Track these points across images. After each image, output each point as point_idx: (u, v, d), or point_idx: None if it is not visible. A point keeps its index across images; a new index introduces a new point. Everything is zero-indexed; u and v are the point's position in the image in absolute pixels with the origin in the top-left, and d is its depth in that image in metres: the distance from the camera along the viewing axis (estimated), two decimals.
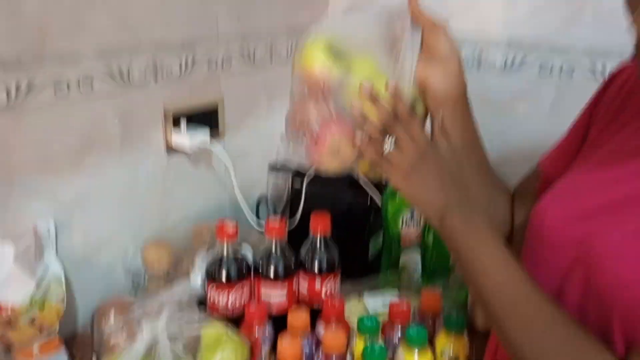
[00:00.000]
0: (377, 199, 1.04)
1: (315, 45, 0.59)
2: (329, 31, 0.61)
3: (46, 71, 0.81)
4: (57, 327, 0.80)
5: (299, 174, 1.11)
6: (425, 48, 0.64)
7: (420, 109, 0.66)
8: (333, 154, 0.62)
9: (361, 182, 1.05)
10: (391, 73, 0.61)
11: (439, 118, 0.66)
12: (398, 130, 0.59)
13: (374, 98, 0.59)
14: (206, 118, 1.07)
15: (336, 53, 0.59)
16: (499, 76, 1.16)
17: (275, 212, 1.21)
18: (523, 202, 0.75)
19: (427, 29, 0.64)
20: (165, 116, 0.99)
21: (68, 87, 0.84)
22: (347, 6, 0.65)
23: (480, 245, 0.58)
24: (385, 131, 0.59)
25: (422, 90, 0.65)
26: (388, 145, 0.58)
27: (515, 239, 0.76)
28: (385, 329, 0.80)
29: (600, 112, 0.66)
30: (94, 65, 0.87)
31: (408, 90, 0.62)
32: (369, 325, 0.75)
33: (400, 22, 0.62)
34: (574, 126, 0.71)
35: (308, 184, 1.08)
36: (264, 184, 1.23)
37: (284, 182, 1.19)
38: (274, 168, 1.19)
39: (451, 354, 0.77)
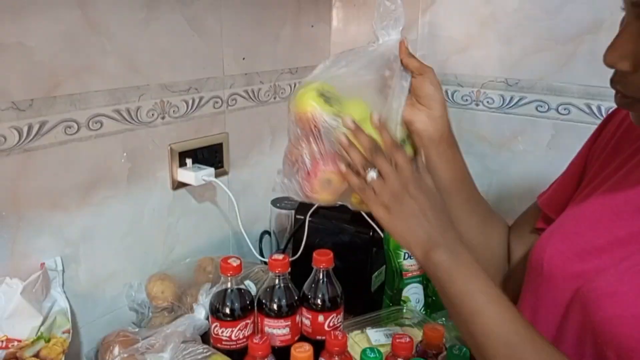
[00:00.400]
0: (379, 232, 1.06)
1: (307, 91, 0.64)
2: (321, 77, 0.66)
3: (57, 112, 0.84)
4: None
5: (301, 209, 1.12)
6: (412, 91, 0.69)
7: (409, 149, 0.70)
8: (323, 186, 0.66)
9: (364, 215, 1.06)
10: (381, 114, 0.65)
11: (423, 157, 0.70)
12: (380, 160, 0.61)
13: (357, 129, 0.62)
14: (211, 154, 1.10)
15: (327, 98, 0.64)
16: (496, 114, 1.19)
17: (278, 246, 1.23)
18: (521, 236, 0.77)
19: (414, 73, 0.69)
20: (171, 153, 1.02)
21: (78, 126, 0.87)
22: (346, 48, 0.69)
23: (469, 281, 0.57)
24: (368, 162, 0.62)
25: (409, 131, 0.69)
26: (371, 175, 0.61)
27: (513, 274, 0.77)
28: None
29: (597, 150, 0.69)
30: (103, 105, 0.90)
31: (396, 130, 0.67)
32: (371, 357, 0.75)
33: (391, 66, 0.67)
34: (571, 165, 0.73)
35: (310, 219, 1.10)
36: (267, 218, 1.25)
37: (287, 217, 1.20)
38: (277, 203, 1.21)
39: None
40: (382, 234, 1.05)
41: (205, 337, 0.87)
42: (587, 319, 0.55)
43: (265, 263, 1.04)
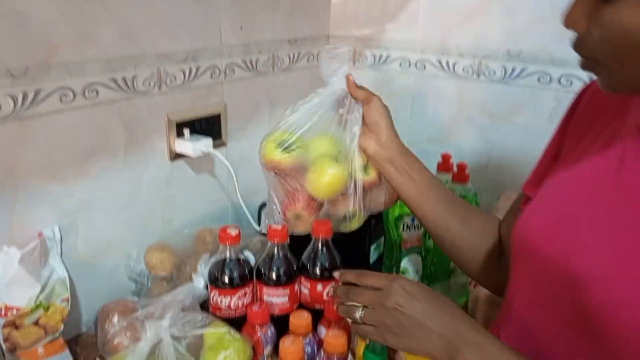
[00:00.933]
0: None
1: (268, 142, 0.78)
2: (283, 126, 0.78)
3: (52, 80, 0.83)
4: (62, 328, 0.81)
5: None
6: (362, 120, 0.77)
7: (371, 173, 0.79)
8: (295, 221, 0.80)
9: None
10: (343, 146, 0.76)
11: (383, 176, 0.78)
12: (359, 297, 0.65)
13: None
14: (209, 125, 1.09)
15: (288, 145, 0.76)
16: (498, 87, 1.18)
17: None
18: (510, 225, 0.75)
19: (363, 103, 0.77)
20: (168, 124, 1.01)
21: (74, 95, 0.86)
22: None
23: None
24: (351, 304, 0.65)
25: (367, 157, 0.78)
26: (359, 314, 0.64)
27: (508, 262, 0.75)
28: None
29: (572, 129, 0.67)
30: (99, 74, 0.89)
31: (354, 159, 0.77)
32: None
33: (343, 102, 0.78)
34: (548, 146, 0.71)
35: None
36: (266, 190, 1.24)
37: None
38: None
39: None
40: None
41: (205, 306, 0.87)
42: (579, 302, 0.53)
43: (264, 235, 1.04)
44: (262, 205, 1.24)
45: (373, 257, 1.10)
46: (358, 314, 0.63)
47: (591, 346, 0.54)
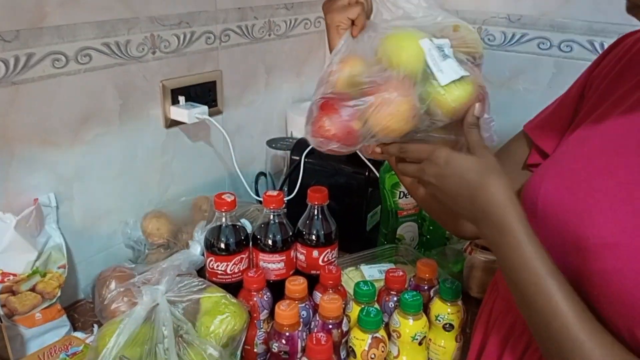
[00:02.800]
0: (375, 172, 1.05)
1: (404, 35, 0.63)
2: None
3: (44, 44, 0.81)
4: (59, 294, 0.82)
5: (297, 150, 1.11)
6: None
7: None
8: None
9: (360, 156, 1.05)
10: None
11: None
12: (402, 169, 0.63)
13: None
14: (204, 92, 1.07)
15: None
16: (497, 53, 1.16)
17: (274, 187, 1.22)
18: (510, 174, 0.72)
19: None
20: (163, 90, 1.00)
21: (66, 59, 0.85)
22: None
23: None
24: None
25: None
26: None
27: None
28: (381, 295, 0.82)
29: (597, 80, 0.64)
30: (92, 38, 0.87)
31: None
32: (365, 290, 0.76)
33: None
34: (566, 94, 0.68)
35: (306, 159, 1.09)
36: (263, 159, 1.24)
37: (283, 158, 1.20)
38: (272, 143, 1.20)
39: (446, 320, 0.78)
40: (377, 174, 1.05)
41: (201, 273, 0.88)
42: (584, 267, 0.52)
43: (261, 203, 1.03)
44: (259, 174, 1.23)
45: (370, 225, 1.10)
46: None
47: (596, 312, 0.52)
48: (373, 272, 0.91)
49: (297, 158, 1.10)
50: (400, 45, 0.61)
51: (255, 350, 0.80)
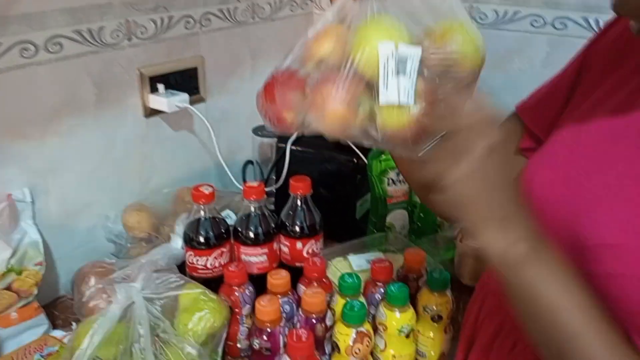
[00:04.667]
0: (363, 159, 1.02)
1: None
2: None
3: (11, 33, 0.78)
4: (36, 292, 0.79)
5: (283, 138, 1.08)
6: None
7: None
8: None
9: (348, 142, 1.02)
10: None
11: None
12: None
13: None
14: (185, 79, 1.04)
15: None
16: (490, 31, 1.12)
17: (262, 175, 1.19)
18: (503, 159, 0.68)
19: None
20: (141, 78, 0.96)
21: (35, 49, 0.81)
22: None
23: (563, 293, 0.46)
24: None
25: None
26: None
27: None
28: (367, 287, 0.79)
29: (595, 58, 0.60)
30: (62, 26, 0.83)
31: None
32: (349, 282, 0.73)
33: None
34: (561, 74, 0.64)
35: (293, 147, 1.06)
36: (250, 147, 1.20)
37: (270, 146, 1.16)
38: (259, 131, 1.16)
39: (434, 311, 0.75)
40: (366, 161, 1.01)
41: (183, 267, 0.85)
42: (582, 267, 0.47)
43: None
44: (247, 163, 1.20)
45: (359, 213, 1.07)
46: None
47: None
48: (361, 262, 0.89)
49: (283, 146, 1.07)
50: (366, 41, 0.51)
51: (238, 346, 0.77)
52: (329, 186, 1.02)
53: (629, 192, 0.47)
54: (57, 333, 0.79)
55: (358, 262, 0.89)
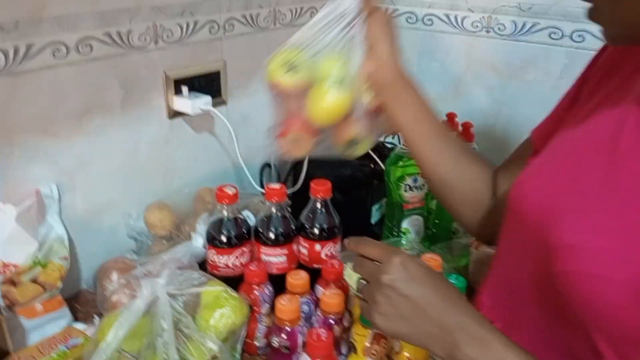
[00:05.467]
0: (380, 164, 1.03)
1: (274, 61, 0.71)
2: (290, 45, 0.70)
3: (44, 35, 0.80)
4: (60, 286, 0.81)
5: None
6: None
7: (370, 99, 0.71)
8: (293, 144, 0.73)
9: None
10: (351, 68, 0.67)
11: (381, 103, 0.69)
12: (361, 269, 0.58)
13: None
14: (208, 83, 1.06)
15: (293, 66, 0.69)
16: (508, 43, 1.13)
17: (278, 178, 1.21)
18: (511, 172, 0.71)
19: (369, 14, 0.67)
20: (166, 80, 0.99)
21: (67, 50, 0.84)
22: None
23: None
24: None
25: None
26: (359, 284, 0.58)
27: (498, 209, 0.72)
28: None
29: (588, 85, 0.63)
30: (93, 28, 0.86)
31: (362, 85, 0.68)
32: None
33: (354, 22, 0.68)
34: (563, 98, 0.67)
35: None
36: (268, 150, 1.22)
37: None
38: None
39: None
40: (383, 167, 1.03)
41: (204, 266, 0.87)
42: (550, 269, 0.51)
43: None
44: (264, 166, 1.22)
45: (375, 217, 1.09)
46: (356, 285, 0.58)
47: (560, 317, 0.53)
48: None
49: None
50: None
51: (256, 343, 0.79)
52: (345, 191, 1.03)
53: (600, 197, 0.50)
54: (80, 326, 0.81)
55: None
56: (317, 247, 0.83)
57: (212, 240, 0.82)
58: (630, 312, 0.45)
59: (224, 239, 0.81)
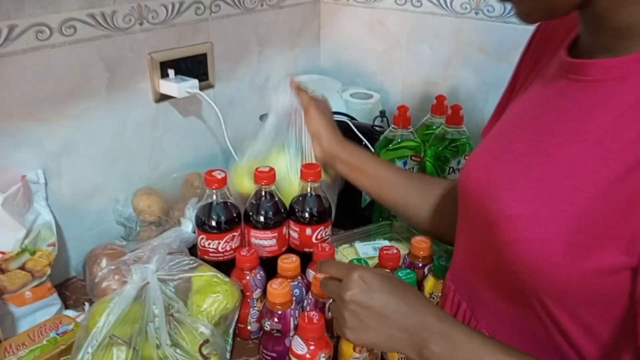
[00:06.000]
0: (370, 147, 1.03)
1: (237, 173, 0.86)
2: (247, 157, 0.87)
3: (27, 16, 0.78)
4: (49, 272, 0.80)
5: None
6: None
7: (331, 171, 0.86)
8: None
9: (355, 131, 1.03)
10: (299, 158, 0.84)
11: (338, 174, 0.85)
12: (326, 288, 0.61)
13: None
14: (195, 65, 1.04)
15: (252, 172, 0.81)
16: (497, 24, 1.13)
17: None
18: None
19: (304, 111, 0.83)
20: (152, 63, 0.97)
21: (50, 31, 0.82)
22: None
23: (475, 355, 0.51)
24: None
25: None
26: (327, 304, 0.62)
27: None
28: None
29: (525, 64, 0.66)
30: (76, 9, 0.84)
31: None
32: None
33: (292, 119, 0.84)
34: (506, 86, 0.71)
35: None
36: (257, 134, 1.21)
37: None
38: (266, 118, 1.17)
39: (439, 298, 0.77)
40: (372, 150, 1.03)
41: (193, 250, 0.87)
42: (495, 241, 0.53)
43: None
44: None
45: (365, 201, 1.09)
46: (327, 304, 0.61)
47: (511, 287, 0.54)
48: (367, 250, 0.90)
49: None
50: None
51: (248, 328, 0.79)
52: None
53: (525, 167, 0.53)
54: (70, 313, 0.81)
55: (364, 250, 0.91)
56: (308, 231, 0.83)
57: (201, 225, 0.81)
58: (568, 269, 0.48)
59: (213, 223, 0.80)
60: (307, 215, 0.83)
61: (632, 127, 0.45)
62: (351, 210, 1.07)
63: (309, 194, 0.83)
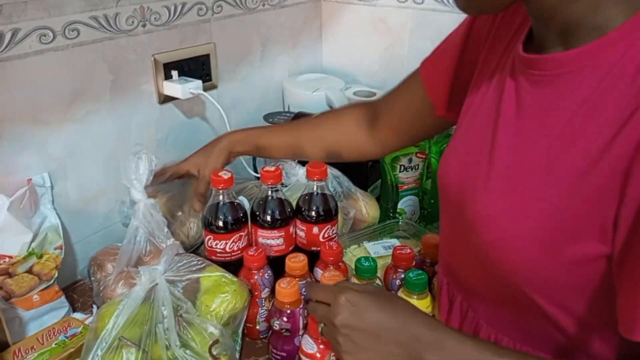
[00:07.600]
0: None
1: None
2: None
3: (30, 19, 0.78)
4: (56, 275, 0.80)
5: None
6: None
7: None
8: None
9: None
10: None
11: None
12: (315, 313, 0.61)
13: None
14: (198, 66, 1.04)
15: None
16: None
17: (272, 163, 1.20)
18: (395, 103, 0.79)
19: (185, 175, 0.91)
20: (155, 64, 0.97)
21: (53, 35, 0.82)
22: None
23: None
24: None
25: None
26: (320, 329, 0.61)
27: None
28: (388, 272, 0.81)
29: (480, 36, 0.64)
30: (79, 12, 0.84)
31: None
32: (366, 265, 0.75)
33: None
34: (451, 41, 0.69)
35: None
36: None
37: None
38: (269, 118, 1.17)
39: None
40: None
41: (199, 252, 0.87)
42: (475, 240, 0.54)
43: (259, 179, 1.02)
44: None
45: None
46: (320, 329, 0.61)
47: (495, 281, 0.55)
48: (378, 249, 0.90)
49: None
50: None
51: (257, 327, 0.79)
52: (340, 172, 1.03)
53: (500, 168, 0.53)
54: (78, 316, 0.81)
55: (375, 250, 0.91)
56: (315, 229, 0.83)
57: (208, 225, 0.81)
58: (548, 262, 0.48)
59: (220, 224, 0.80)
60: (313, 214, 0.83)
61: (591, 119, 0.45)
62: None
63: (315, 193, 0.83)
